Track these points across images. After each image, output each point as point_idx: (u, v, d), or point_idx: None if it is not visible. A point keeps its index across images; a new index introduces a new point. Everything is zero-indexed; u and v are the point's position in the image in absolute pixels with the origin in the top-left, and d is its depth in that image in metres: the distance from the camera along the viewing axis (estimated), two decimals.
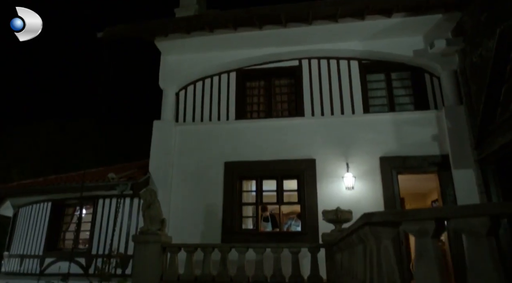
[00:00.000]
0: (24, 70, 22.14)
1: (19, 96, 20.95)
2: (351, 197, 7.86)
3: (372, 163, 8.13)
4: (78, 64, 16.99)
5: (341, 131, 8.45)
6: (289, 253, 6.45)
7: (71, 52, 17.21)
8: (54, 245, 9.67)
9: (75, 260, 8.91)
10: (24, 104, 20.06)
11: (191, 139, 8.96)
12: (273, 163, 8.44)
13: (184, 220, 8.36)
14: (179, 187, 8.64)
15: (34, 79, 21.64)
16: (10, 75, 20.19)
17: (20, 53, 19.57)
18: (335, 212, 6.36)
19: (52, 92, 16.45)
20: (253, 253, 6.58)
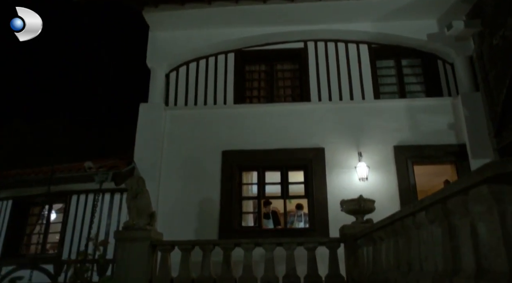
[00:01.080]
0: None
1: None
2: (364, 189, 6.99)
3: (385, 153, 7.37)
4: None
5: (351, 117, 7.66)
6: (304, 250, 5.49)
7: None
8: (14, 250, 8.20)
9: (41, 267, 7.54)
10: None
11: (184, 125, 7.90)
12: (276, 153, 7.50)
13: (175, 217, 7.24)
14: (169, 179, 7.53)
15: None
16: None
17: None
18: (357, 202, 5.48)
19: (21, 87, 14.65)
20: (259, 252, 5.57)
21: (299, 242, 5.48)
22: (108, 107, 7.75)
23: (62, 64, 5.99)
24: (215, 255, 5.61)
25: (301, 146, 7.50)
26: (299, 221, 7.87)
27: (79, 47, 6.11)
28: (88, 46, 7.45)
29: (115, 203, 7.85)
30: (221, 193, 7.34)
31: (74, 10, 6.86)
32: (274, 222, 7.90)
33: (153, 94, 8.03)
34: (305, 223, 7.77)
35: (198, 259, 5.56)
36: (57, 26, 5.28)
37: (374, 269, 4.44)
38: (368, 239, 4.66)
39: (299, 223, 7.86)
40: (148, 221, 5.69)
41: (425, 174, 8.03)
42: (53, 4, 4.87)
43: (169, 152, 7.72)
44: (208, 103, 8.04)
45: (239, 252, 5.53)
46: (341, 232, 5.58)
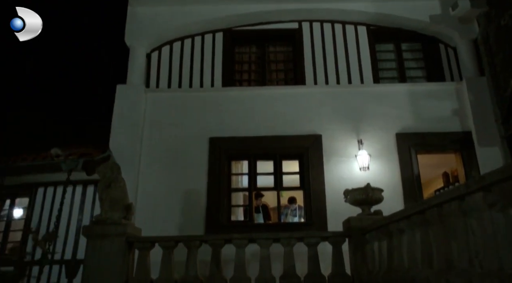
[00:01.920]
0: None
1: None
2: (366, 180, 6.25)
3: (387, 140, 6.74)
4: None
5: (350, 102, 7.00)
6: (303, 246, 4.76)
7: None
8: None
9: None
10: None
11: (166, 109, 7.04)
12: (269, 140, 6.76)
13: (156, 211, 6.39)
14: (150, 169, 6.67)
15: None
16: None
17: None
18: (364, 191, 4.80)
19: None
20: (253, 249, 4.81)
21: (299, 237, 4.74)
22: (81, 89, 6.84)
23: (27, 41, 5.14)
24: (202, 253, 4.81)
25: (296, 133, 6.78)
26: (293, 215, 7.15)
27: (48, 21, 5.23)
28: (57, 20, 6.52)
29: (88, 196, 6.95)
30: (208, 185, 6.53)
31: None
32: (264, 217, 7.16)
33: (132, 75, 7.14)
34: (300, 218, 7.06)
35: (182, 258, 4.75)
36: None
37: (390, 267, 3.75)
38: (382, 232, 3.96)
39: (293, 218, 7.14)
40: (123, 214, 4.84)
41: (426, 165, 7.46)
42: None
43: (149, 139, 6.85)
44: (194, 86, 7.21)
45: (230, 250, 4.75)
46: (346, 225, 4.88)
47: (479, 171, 6.38)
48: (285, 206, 7.32)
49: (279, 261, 4.90)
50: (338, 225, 6.03)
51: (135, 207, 6.38)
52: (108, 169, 4.87)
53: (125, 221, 4.75)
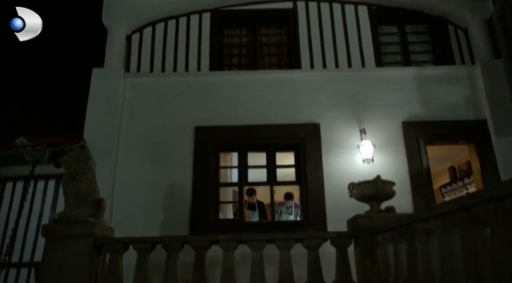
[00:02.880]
0: None
1: None
2: (369, 173, 5.55)
3: (393, 130, 6.04)
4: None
5: (351, 88, 6.29)
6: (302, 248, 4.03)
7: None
8: None
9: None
10: None
11: (148, 95, 6.27)
12: (262, 129, 6.02)
13: (135, 208, 5.64)
14: (129, 162, 5.90)
15: None
16: None
17: None
18: (374, 184, 4.08)
19: None
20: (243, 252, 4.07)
21: (297, 239, 4.01)
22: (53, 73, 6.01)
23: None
24: (185, 256, 4.07)
25: (292, 121, 6.05)
26: (289, 213, 6.42)
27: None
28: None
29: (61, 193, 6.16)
30: (193, 179, 5.77)
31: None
32: (260, 215, 6.42)
33: (110, 58, 6.34)
34: (296, 216, 6.34)
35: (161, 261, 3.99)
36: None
37: (413, 276, 3.03)
38: (401, 234, 3.23)
39: (289, 216, 6.41)
40: (92, 211, 4.07)
41: (430, 159, 6.76)
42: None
43: (128, 128, 6.07)
44: (178, 70, 6.43)
45: (218, 251, 4.01)
46: (352, 224, 4.15)
47: (496, 164, 5.73)
48: (280, 203, 6.59)
49: (273, 265, 4.18)
50: (338, 224, 5.33)
51: (111, 205, 5.64)
52: (73, 159, 4.10)
53: (93, 220, 3.98)
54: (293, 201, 6.45)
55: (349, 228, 4.27)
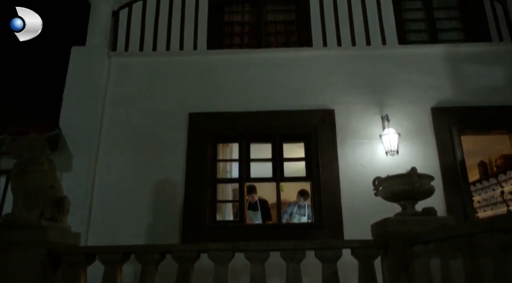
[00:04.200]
0: None
1: None
2: (394, 167, 4.63)
3: (420, 117, 5.03)
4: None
5: (370, 69, 5.29)
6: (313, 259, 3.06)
7: None
8: None
9: None
10: None
11: (136, 77, 5.35)
12: (267, 116, 5.05)
13: (118, 208, 4.74)
14: (112, 154, 4.99)
15: None
16: None
17: None
18: (408, 179, 3.10)
19: None
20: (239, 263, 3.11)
21: (310, 248, 3.03)
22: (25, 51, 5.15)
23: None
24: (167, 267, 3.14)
25: (301, 107, 5.08)
26: (301, 214, 5.44)
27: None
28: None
29: None
30: (187, 174, 4.84)
31: None
32: (263, 215, 5.46)
33: (93, 35, 5.43)
34: (309, 218, 5.37)
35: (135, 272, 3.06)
36: None
37: None
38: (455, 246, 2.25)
39: (301, 217, 5.43)
40: (51, 213, 3.15)
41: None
42: None
43: (112, 115, 5.16)
44: (172, 49, 5.49)
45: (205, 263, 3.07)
46: (379, 230, 3.16)
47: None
48: (290, 202, 5.62)
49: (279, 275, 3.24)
50: (357, 228, 4.35)
51: (90, 204, 4.75)
52: (24, 147, 3.18)
53: (48, 223, 3.06)
54: (307, 200, 5.44)
55: (374, 234, 3.29)
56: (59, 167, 4.80)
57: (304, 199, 5.48)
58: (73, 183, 4.66)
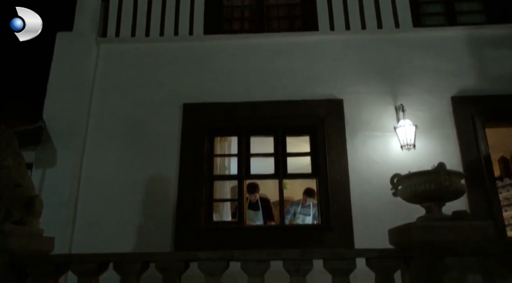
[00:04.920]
0: None
1: None
2: (411, 163, 4.12)
3: (439, 107, 4.49)
4: None
5: (382, 54, 4.76)
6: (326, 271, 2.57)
7: None
8: None
9: None
10: None
11: (126, 65, 4.87)
12: (269, 107, 4.55)
13: (106, 207, 4.29)
14: (100, 149, 4.53)
15: None
16: None
17: None
18: (435, 176, 2.58)
19: None
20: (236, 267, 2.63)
21: (319, 258, 2.54)
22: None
23: None
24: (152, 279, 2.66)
25: (307, 97, 4.56)
26: (305, 214, 4.94)
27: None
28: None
29: None
30: (181, 171, 4.36)
31: None
32: (265, 215, 4.97)
33: (81, 20, 4.96)
34: (314, 218, 4.87)
35: None
36: None
37: None
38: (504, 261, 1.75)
39: (305, 217, 4.93)
40: (19, 214, 2.69)
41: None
42: None
43: (101, 106, 4.69)
44: (166, 34, 4.99)
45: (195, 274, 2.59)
46: (400, 238, 2.65)
47: None
48: (293, 201, 5.13)
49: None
50: (368, 231, 3.88)
51: (76, 203, 4.31)
52: None
53: (11, 227, 2.59)
54: (313, 199, 4.93)
55: (393, 242, 2.79)
56: (42, 163, 4.40)
57: (310, 198, 4.98)
58: (57, 180, 4.26)
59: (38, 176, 4.27)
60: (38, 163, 4.34)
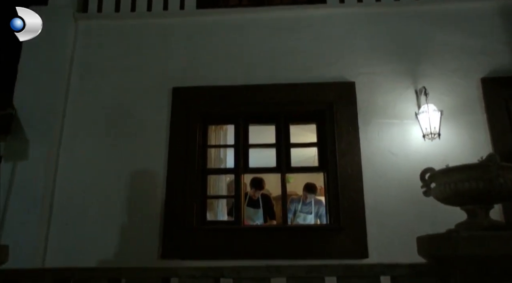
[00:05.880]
0: None
1: None
2: (435, 155, 3.54)
3: (467, 90, 3.87)
4: None
5: (400, 29, 4.11)
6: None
7: None
8: None
9: None
10: None
11: (109, 45, 4.27)
12: (270, 91, 3.95)
13: (86, 205, 3.76)
14: (79, 139, 3.97)
15: None
16: None
17: None
18: (483, 170, 1.97)
19: None
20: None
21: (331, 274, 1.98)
22: None
23: None
24: None
25: (313, 79, 3.95)
26: (306, 212, 4.37)
27: None
28: None
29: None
30: (170, 164, 3.80)
31: None
32: (265, 213, 4.41)
33: None
34: (317, 217, 4.30)
35: None
36: None
37: None
38: None
39: (307, 216, 4.36)
40: None
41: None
42: None
43: (79, 91, 4.12)
44: (154, 8, 4.36)
45: None
46: (435, 249, 2.05)
47: None
48: (293, 198, 4.57)
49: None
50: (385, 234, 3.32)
51: (52, 198, 3.79)
52: None
53: None
54: (314, 195, 4.36)
55: (426, 254, 2.18)
56: (12, 155, 3.87)
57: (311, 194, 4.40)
58: (30, 174, 3.73)
59: (8, 170, 3.74)
60: (8, 155, 3.80)
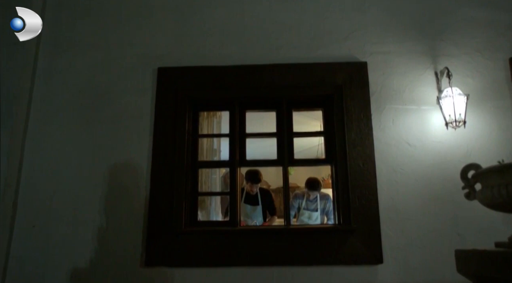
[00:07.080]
0: None
1: None
2: (459, 146, 3.07)
3: (494, 72, 3.38)
4: None
5: (419, 3, 3.58)
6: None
7: None
8: None
9: None
10: None
11: (83, 19, 3.66)
12: (269, 72, 3.41)
13: (56, 204, 3.21)
14: (48, 127, 3.40)
15: None
16: None
17: None
18: None
19: None
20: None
21: None
22: None
23: None
24: None
25: (319, 59, 3.42)
26: (311, 210, 3.90)
27: None
28: None
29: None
30: (154, 156, 3.26)
31: None
32: (265, 210, 3.92)
33: None
34: (324, 212, 3.83)
35: None
36: None
37: None
38: None
39: (312, 213, 3.89)
40: None
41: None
42: None
43: (49, 71, 3.52)
44: None
45: None
46: (482, 267, 1.58)
47: None
48: (296, 194, 4.09)
49: None
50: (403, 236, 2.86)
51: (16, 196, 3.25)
52: None
53: None
54: (318, 191, 3.89)
55: (468, 273, 1.72)
56: None
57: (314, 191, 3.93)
58: None
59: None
60: None
